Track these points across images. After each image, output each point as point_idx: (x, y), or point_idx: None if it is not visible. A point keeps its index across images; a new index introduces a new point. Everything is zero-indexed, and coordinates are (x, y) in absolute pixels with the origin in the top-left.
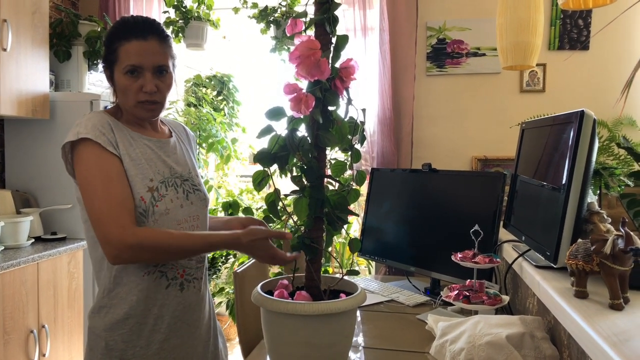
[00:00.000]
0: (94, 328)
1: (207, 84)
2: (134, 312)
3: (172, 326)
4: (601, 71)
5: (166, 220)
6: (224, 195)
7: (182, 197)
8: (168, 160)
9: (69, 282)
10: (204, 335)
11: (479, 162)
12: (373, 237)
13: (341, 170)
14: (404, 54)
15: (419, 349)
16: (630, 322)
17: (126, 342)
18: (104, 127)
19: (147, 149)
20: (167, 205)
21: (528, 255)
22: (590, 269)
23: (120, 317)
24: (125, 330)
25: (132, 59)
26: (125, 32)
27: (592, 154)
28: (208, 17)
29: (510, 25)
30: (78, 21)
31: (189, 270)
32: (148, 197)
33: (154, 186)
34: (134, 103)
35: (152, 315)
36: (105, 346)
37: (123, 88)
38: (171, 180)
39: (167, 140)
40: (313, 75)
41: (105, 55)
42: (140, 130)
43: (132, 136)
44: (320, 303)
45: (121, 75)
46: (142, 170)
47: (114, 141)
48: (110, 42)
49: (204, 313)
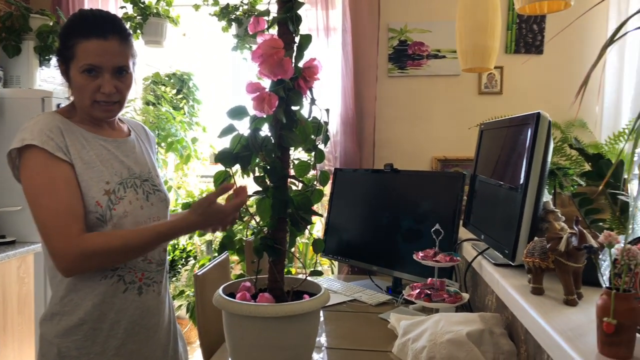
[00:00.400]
0: (46, 335)
1: (166, 82)
2: (89, 318)
3: (129, 331)
4: (555, 74)
5: (126, 223)
6: (184, 196)
7: (142, 198)
8: (126, 160)
9: (18, 287)
10: (163, 340)
11: (439, 162)
12: (336, 237)
13: (305, 170)
14: (366, 55)
15: (382, 348)
16: (584, 317)
17: (80, 348)
18: (52, 131)
19: (102, 149)
20: (126, 208)
21: (487, 253)
22: (546, 266)
23: (74, 323)
24: (79, 336)
25: (90, 59)
26: (85, 28)
27: (548, 155)
28: (167, 13)
29: (470, 29)
30: (29, 15)
31: (148, 274)
32: (104, 200)
33: (110, 189)
34: (89, 103)
35: (108, 320)
36: (58, 353)
37: (79, 87)
38: (130, 180)
39: (125, 140)
40: (276, 75)
41: (61, 50)
42: (95, 129)
43: (85, 137)
44: (284, 305)
45: (77, 73)
46: (97, 174)
47: (64, 146)
48: (67, 37)
49: (163, 317)
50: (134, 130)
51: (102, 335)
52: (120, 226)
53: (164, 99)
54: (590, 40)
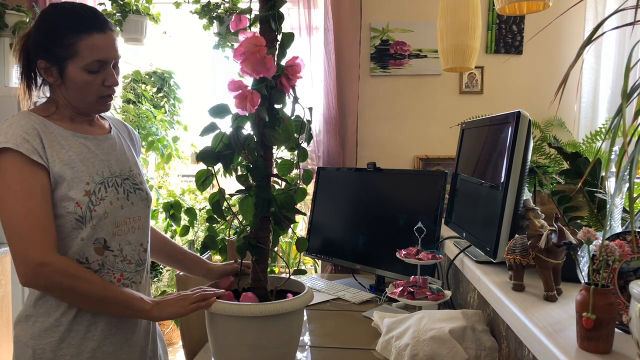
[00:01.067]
0: (20, 336)
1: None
2: (65, 319)
3: (106, 333)
4: (534, 74)
5: (105, 223)
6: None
7: (123, 198)
8: (106, 159)
9: None
10: (141, 341)
11: (421, 161)
12: (319, 235)
13: (288, 169)
14: (348, 54)
15: (366, 346)
16: (563, 313)
17: (55, 350)
18: (28, 133)
19: (83, 148)
20: (106, 209)
21: (469, 251)
22: (527, 263)
23: (49, 324)
24: (55, 338)
25: (97, 55)
26: (83, 24)
27: (528, 153)
28: (148, 11)
29: (451, 28)
30: (5, 11)
31: (127, 274)
32: (85, 201)
33: (91, 189)
34: (94, 99)
35: (85, 321)
36: (33, 355)
37: (82, 84)
38: (111, 179)
39: (105, 137)
40: (258, 73)
41: (52, 50)
42: (75, 127)
43: (64, 137)
44: (267, 304)
45: (80, 71)
46: (77, 174)
47: (40, 148)
48: (62, 35)
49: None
50: (115, 127)
51: (77, 337)
52: (100, 227)
53: (145, 98)
54: (568, 41)
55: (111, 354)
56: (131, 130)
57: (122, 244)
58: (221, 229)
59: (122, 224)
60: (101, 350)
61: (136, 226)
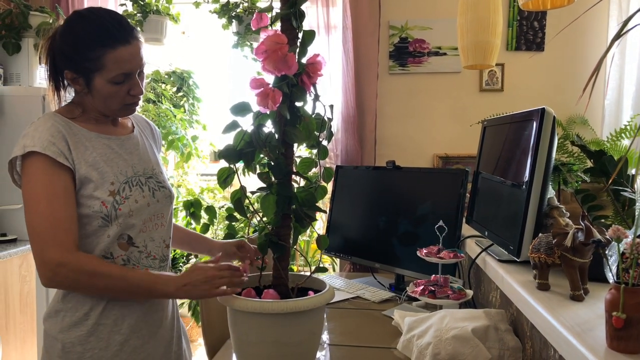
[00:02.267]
0: (50, 330)
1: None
2: (93, 314)
3: (132, 327)
4: (555, 71)
5: (131, 221)
6: (185, 194)
7: (149, 195)
8: (130, 158)
9: (20, 285)
10: (167, 335)
11: (440, 159)
12: (338, 234)
13: (309, 166)
14: (367, 52)
15: (386, 344)
16: (591, 313)
17: (83, 343)
18: (54, 135)
19: (106, 149)
20: (131, 207)
21: (490, 249)
22: (552, 262)
23: (77, 319)
24: (83, 332)
25: (123, 68)
26: (109, 37)
27: (552, 151)
28: (168, 11)
29: (471, 25)
30: (29, 12)
31: (152, 270)
32: (110, 201)
33: (115, 189)
34: (119, 106)
35: (112, 316)
36: (62, 348)
37: (108, 95)
38: (135, 179)
39: (128, 136)
40: (280, 70)
41: (79, 62)
42: (98, 128)
43: (88, 138)
44: (289, 301)
45: (106, 83)
46: (102, 175)
47: (66, 150)
48: (89, 48)
49: (166, 313)
50: (137, 125)
51: (105, 330)
52: (126, 224)
53: (164, 97)
54: (591, 37)
55: (138, 348)
56: (153, 127)
57: (146, 241)
58: (240, 227)
59: (148, 221)
60: (128, 344)
61: (159, 223)
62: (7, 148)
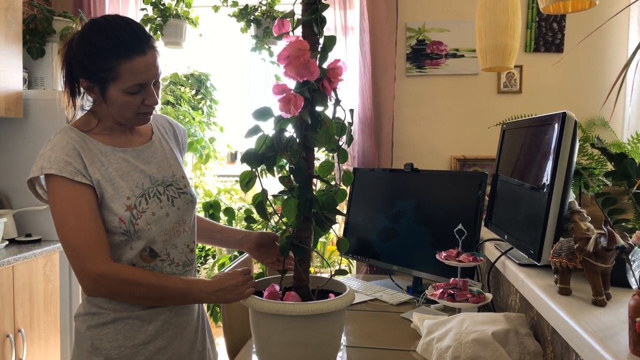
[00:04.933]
0: (80, 328)
1: (184, 83)
2: (119, 317)
3: (158, 328)
4: (575, 73)
5: (150, 233)
6: (202, 196)
7: (167, 205)
8: (147, 169)
9: (45, 285)
10: (192, 336)
11: (458, 161)
12: (355, 236)
13: (328, 170)
14: (384, 55)
15: (405, 347)
16: (614, 318)
17: (111, 342)
18: (69, 154)
19: (122, 162)
20: (149, 220)
21: (510, 253)
22: (573, 267)
23: (106, 320)
24: (111, 330)
25: (137, 79)
26: (125, 48)
27: (574, 155)
28: (187, 15)
29: (489, 28)
30: (52, 17)
31: (177, 274)
32: (127, 216)
33: (131, 204)
34: (133, 115)
35: (139, 318)
36: (91, 345)
37: (122, 105)
38: (152, 189)
39: (145, 146)
40: (302, 76)
41: (95, 71)
42: (114, 140)
43: (103, 152)
44: (311, 303)
45: (121, 93)
46: (117, 190)
47: (82, 167)
48: (105, 58)
49: (192, 315)
50: (158, 129)
51: (132, 330)
52: (146, 237)
53: (183, 99)
54: (611, 38)
55: (162, 348)
56: (176, 126)
57: (169, 249)
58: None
59: (169, 230)
60: (153, 344)
61: (181, 229)
62: (32, 150)
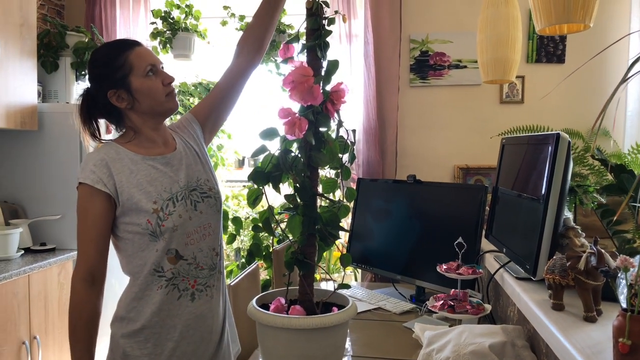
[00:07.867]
0: (115, 335)
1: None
2: (148, 324)
3: (184, 334)
4: (576, 83)
5: (176, 235)
6: None
7: (191, 209)
8: (175, 175)
9: (59, 293)
10: (216, 338)
11: (461, 170)
12: (360, 244)
13: (332, 187)
14: (388, 66)
15: (406, 356)
16: (602, 334)
17: (142, 349)
18: (96, 165)
19: (151, 170)
20: (175, 222)
21: (508, 266)
22: (566, 283)
23: (136, 327)
24: (141, 338)
25: (147, 60)
26: (123, 46)
27: (568, 174)
28: (195, 28)
29: (490, 41)
30: (65, 32)
31: (200, 280)
32: (154, 218)
33: (158, 207)
34: (163, 98)
35: (166, 325)
36: (124, 351)
37: (149, 89)
38: (180, 193)
39: (173, 154)
40: (306, 101)
41: (113, 77)
42: (146, 151)
43: (134, 161)
44: (315, 317)
45: (142, 78)
46: (145, 195)
47: (106, 176)
48: (115, 59)
49: (217, 319)
50: (178, 134)
51: (160, 338)
52: (171, 239)
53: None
54: (611, 48)
55: (187, 353)
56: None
57: (194, 252)
58: (265, 236)
59: (193, 233)
60: (179, 349)
61: (206, 233)
62: (46, 161)
